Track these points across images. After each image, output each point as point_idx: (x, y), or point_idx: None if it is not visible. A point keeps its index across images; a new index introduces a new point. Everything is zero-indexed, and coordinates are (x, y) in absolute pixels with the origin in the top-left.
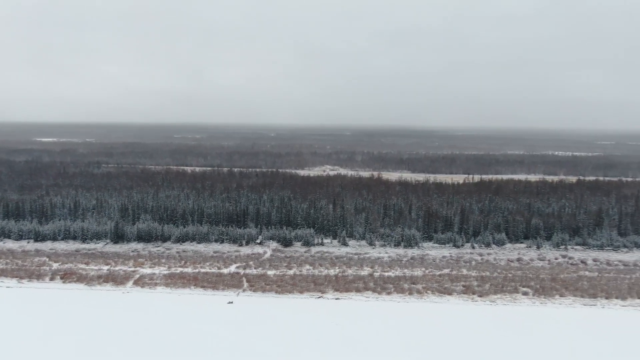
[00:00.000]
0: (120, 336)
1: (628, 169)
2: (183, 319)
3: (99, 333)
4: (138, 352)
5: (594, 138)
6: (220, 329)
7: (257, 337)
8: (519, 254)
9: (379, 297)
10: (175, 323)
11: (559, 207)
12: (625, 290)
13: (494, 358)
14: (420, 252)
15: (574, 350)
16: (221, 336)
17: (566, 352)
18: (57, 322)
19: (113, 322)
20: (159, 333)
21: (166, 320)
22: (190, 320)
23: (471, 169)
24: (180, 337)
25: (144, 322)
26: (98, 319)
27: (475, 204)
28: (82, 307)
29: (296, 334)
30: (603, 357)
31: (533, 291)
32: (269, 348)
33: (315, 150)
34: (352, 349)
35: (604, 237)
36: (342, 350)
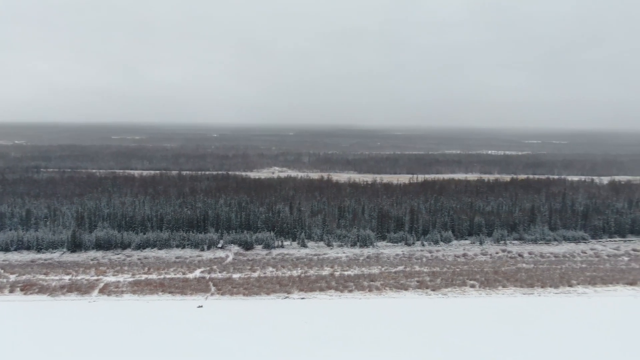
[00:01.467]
0: (91, 345)
1: (554, 167)
2: (154, 324)
3: (69, 343)
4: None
5: (522, 137)
6: (192, 333)
7: (230, 338)
8: (464, 249)
9: (341, 295)
10: (147, 329)
11: (497, 205)
12: (557, 279)
13: (449, 346)
14: (375, 251)
15: (516, 335)
16: (194, 340)
17: (510, 336)
18: (24, 335)
19: (83, 331)
20: (130, 339)
21: (137, 326)
22: (162, 326)
23: (414, 169)
24: (153, 342)
25: (114, 330)
26: (67, 329)
27: (422, 203)
28: (49, 318)
29: (267, 334)
30: (541, 339)
31: (479, 283)
32: (242, 349)
33: (262, 151)
34: (322, 346)
35: (537, 232)
36: (313, 348)
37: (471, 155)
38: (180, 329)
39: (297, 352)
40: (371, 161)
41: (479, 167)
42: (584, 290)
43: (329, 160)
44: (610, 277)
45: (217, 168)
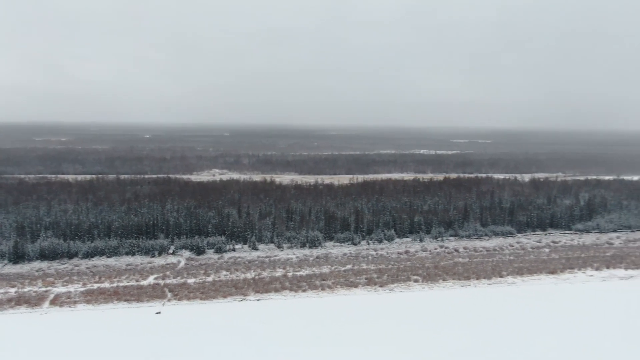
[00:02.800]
0: (50, 358)
1: (481, 165)
2: (113, 333)
3: (27, 357)
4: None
5: (449, 137)
6: (153, 339)
7: (191, 343)
8: (406, 247)
9: (296, 295)
10: (106, 338)
11: (434, 203)
12: (490, 271)
13: (400, 338)
14: (324, 251)
15: (457, 323)
16: (155, 346)
17: (452, 325)
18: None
19: (39, 344)
20: (90, 350)
21: (96, 336)
22: (122, 334)
23: (352, 169)
24: (114, 351)
25: (72, 341)
26: (22, 343)
27: (364, 204)
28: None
29: (227, 336)
30: (478, 326)
31: (422, 278)
32: (204, 352)
33: (200, 153)
34: (282, 345)
35: (471, 228)
36: (273, 347)
37: (405, 155)
38: (141, 336)
39: (258, 353)
40: (311, 162)
41: (414, 167)
42: (513, 280)
43: (269, 162)
44: (535, 267)
45: (156, 171)
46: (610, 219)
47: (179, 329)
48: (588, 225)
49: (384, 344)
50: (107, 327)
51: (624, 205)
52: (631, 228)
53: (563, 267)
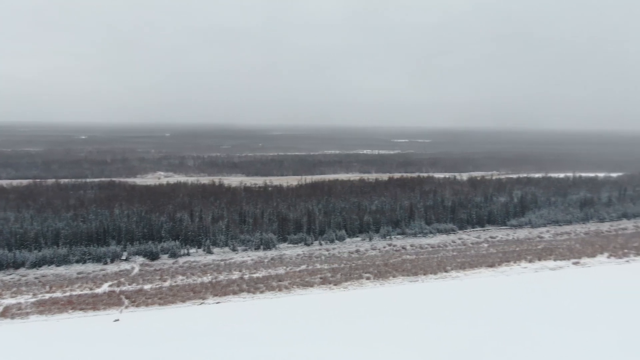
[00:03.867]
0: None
1: (422, 165)
2: (70, 343)
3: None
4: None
5: (391, 136)
6: (113, 347)
7: (153, 348)
8: (356, 246)
9: (254, 297)
10: (63, 349)
11: (381, 203)
12: (435, 266)
13: (356, 334)
14: (278, 253)
15: (406, 316)
16: (116, 354)
17: (402, 319)
18: None
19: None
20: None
21: (52, 347)
22: (80, 344)
23: (299, 170)
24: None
25: (28, 354)
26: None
27: (315, 205)
28: None
29: (188, 340)
30: (427, 320)
31: (373, 276)
32: (166, 357)
33: (142, 155)
34: (244, 346)
35: (416, 226)
36: (235, 350)
37: (350, 155)
38: (100, 344)
39: (221, 355)
40: (258, 163)
41: (358, 167)
42: (456, 274)
43: (215, 164)
44: (475, 262)
45: (97, 175)
46: (541, 215)
47: (140, 335)
48: (521, 220)
49: (342, 341)
50: (64, 337)
51: (552, 202)
52: (559, 222)
53: (500, 260)
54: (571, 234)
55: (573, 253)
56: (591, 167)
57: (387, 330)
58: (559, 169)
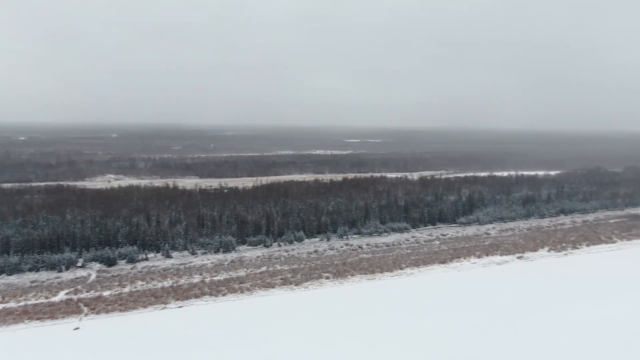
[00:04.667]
0: None
1: (374, 165)
2: (30, 353)
3: None
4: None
5: (342, 136)
6: (74, 356)
7: (115, 354)
8: (315, 247)
9: (217, 299)
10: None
11: (337, 204)
12: (391, 264)
13: (317, 332)
14: (238, 255)
15: (365, 313)
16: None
17: (362, 316)
18: None
19: None
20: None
21: (10, 359)
22: (39, 353)
23: (254, 172)
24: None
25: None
26: None
27: (273, 207)
28: None
29: (152, 344)
30: (386, 314)
31: (332, 275)
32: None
33: (90, 157)
34: (210, 348)
35: (372, 226)
36: (200, 351)
37: (303, 155)
38: (61, 353)
39: (185, 359)
40: (211, 165)
41: (312, 168)
42: (411, 271)
43: (167, 166)
44: (428, 259)
45: (42, 179)
46: (487, 212)
47: (102, 343)
48: (470, 218)
49: (307, 339)
50: (22, 348)
51: (497, 200)
52: (504, 219)
53: (451, 256)
54: (515, 230)
55: (517, 248)
56: (532, 166)
57: (349, 327)
58: (503, 167)
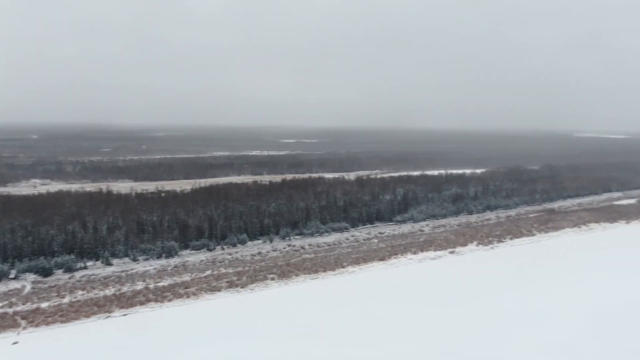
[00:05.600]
0: None
1: (312, 166)
2: None
3: None
4: None
5: (278, 136)
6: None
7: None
8: (258, 249)
9: (162, 305)
10: None
11: (278, 205)
12: (333, 263)
13: (265, 333)
14: (181, 260)
15: (311, 311)
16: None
17: (308, 314)
18: None
19: None
20: None
21: None
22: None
23: (191, 174)
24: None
25: None
26: None
27: (214, 210)
28: None
29: (97, 354)
30: (331, 311)
31: (277, 276)
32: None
33: (11, 161)
34: (157, 354)
35: (313, 226)
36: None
37: (240, 157)
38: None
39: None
40: (145, 168)
41: (250, 169)
42: (353, 269)
43: (98, 169)
44: (368, 256)
45: None
46: (421, 210)
47: (44, 355)
48: (405, 216)
49: (255, 340)
50: None
51: (429, 198)
52: (436, 217)
53: (389, 254)
54: (446, 226)
55: (449, 243)
56: (460, 165)
57: (296, 325)
58: (433, 167)
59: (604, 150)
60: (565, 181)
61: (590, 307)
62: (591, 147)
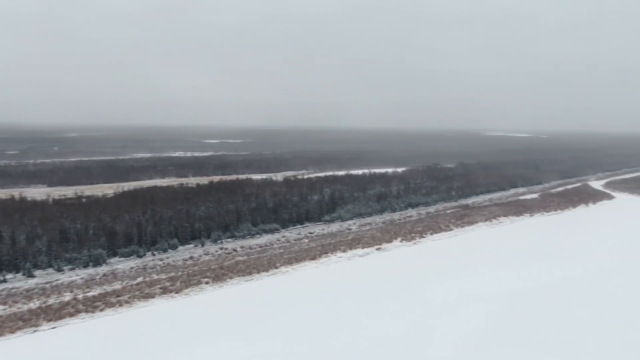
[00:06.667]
0: None
1: (238, 167)
2: None
3: None
4: None
5: (200, 137)
6: None
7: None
8: (190, 253)
9: (94, 316)
10: None
11: (207, 208)
12: (266, 264)
13: (202, 335)
14: (110, 268)
15: (247, 312)
16: None
17: (243, 315)
18: None
19: None
20: None
21: None
22: None
23: (111, 178)
24: None
25: None
26: None
27: (142, 215)
28: None
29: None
30: (266, 312)
31: (212, 280)
32: None
33: None
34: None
35: (244, 228)
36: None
37: (163, 158)
38: None
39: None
40: (60, 171)
41: (175, 171)
42: (285, 269)
43: (5, 174)
44: (300, 256)
45: None
46: (348, 209)
47: None
48: (333, 216)
49: (191, 346)
50: None
51: (355, 197)
52: (362, 215)
53: (320, 253)
54: (372, 224)
55: (375, 240)
56: (382, 164)
57: (232, 327)
58: (357, 166)
59: (511, 149)
60: (478, 178)
61: (501, 291)
62: (499, 145)
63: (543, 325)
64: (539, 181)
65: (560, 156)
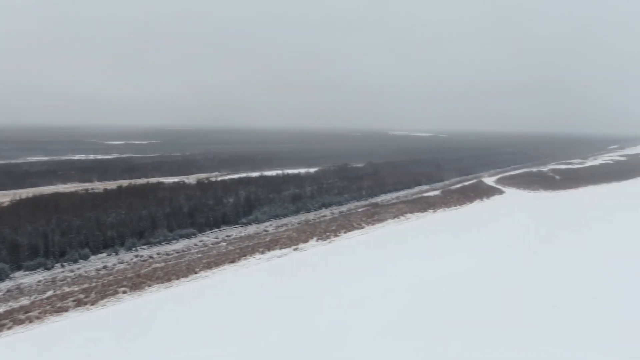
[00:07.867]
0: None
1: (147, 170)
2: None
3: None
4: None
5: (102, 137)
6: None
7: None
8: (103, 262)
9: (1, 335)
10: None
11: (119, 215)
12: (185, 270)
13: (115, 350)
14: (14, 283)
15: (166, 319)
16: None
17: (162, 323)
18: None
19: None
20: None
21: None
22: None
23: (4, 184)
24: None
25: None
26: None
27: (46, 225)
28: None
29: None
30: (185, 318)
31: (129, 289)
32: None
33: None
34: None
35: (160, 235)
36: None
37: (63, 162)
38: None
39: None
40: None
41: (78, 176)
42: (205, 274)
43: None
44: (219, 260)
45: None
46: (264, 211)
47: None
48: (250, 218)
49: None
50: None
51: (271, 199)
52: (278, 216)
53: (239, 255)
54: (288, 225)
55: (292, 241)
56: (294, 164)
57: (152, 336)
58: (270, 167)
59: (414, 147)
60: (386, 177)
61: (411, 284)
62: (403, 144)
63: (449, 314)
64: (440, 178)
65: (458, 154)
